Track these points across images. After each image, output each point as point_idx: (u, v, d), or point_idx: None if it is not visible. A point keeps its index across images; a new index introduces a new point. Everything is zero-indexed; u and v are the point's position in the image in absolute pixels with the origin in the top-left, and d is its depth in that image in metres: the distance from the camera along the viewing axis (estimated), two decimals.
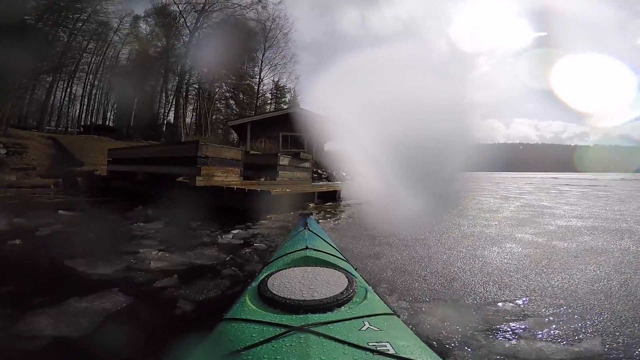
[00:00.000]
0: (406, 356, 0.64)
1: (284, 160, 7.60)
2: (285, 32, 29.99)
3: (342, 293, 0.90)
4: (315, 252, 1.30)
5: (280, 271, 1.09)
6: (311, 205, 5.67)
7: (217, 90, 30.94)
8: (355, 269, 1.26)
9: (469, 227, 3.92)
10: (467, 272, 2.23)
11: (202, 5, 26.09)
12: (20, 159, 11.69)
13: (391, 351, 0.65)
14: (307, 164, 8.79)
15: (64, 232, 3.31)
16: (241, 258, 2.50)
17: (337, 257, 1.33)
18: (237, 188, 4.89)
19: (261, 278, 1.04)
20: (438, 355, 0.71)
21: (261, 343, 0.67)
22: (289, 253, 1.31)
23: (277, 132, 19.48)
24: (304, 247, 1.34)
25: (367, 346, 0.66)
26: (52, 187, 9.19)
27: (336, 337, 0.68)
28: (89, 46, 26.44)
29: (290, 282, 0.98)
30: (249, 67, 31.45)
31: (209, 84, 29.40)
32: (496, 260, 2.53)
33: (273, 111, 23.79)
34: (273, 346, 0.66)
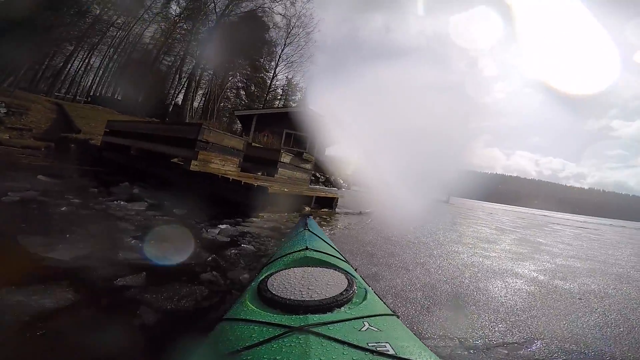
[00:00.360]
0: (406, 356, 0.64)
1: (286, 158, 7.28)
2: (308, 31, 29.76)
3: (341, 294, 0.89)
4: (315, 252, 1.29)
5: (280, 271, 1.08)
6: (307, 208, 5.36)
7: (230, 79, 30.58)
8: (355, 270, 1.25)
9: (469, 257, 3.67)
10: (472, 305, 2.10)
11: None
12: (19, 119, 11.37)
13: (391, 351, 0.64)
14: (308, 166, 8.47)
15: (35, 200, 2.96)
16: (225, 260, 2.19)
17: (337, 257, 1.31)
18: (232, 179, 4.57)
19: (261, 278, 1.03)
20: (437, 356, 0.71)
21: (261, 343, 0.67)
22: (289, 253, 1.30)
23: (282, 128, 19.20)
24: (304, 247, 1.33)
25: (367, 346, 0.65)
26: (43, 149, 8.81)
27: (336, 337, 0.67)
28: (118, 20, 26.05)
29: (290, 283, 0.97)
30: (266, 60, 31.20)
31: (224, 71, 29.01)
32: (501, 296, 2.37)
33: (281, 107, 23.52)
34: (273, 346, 0.66)
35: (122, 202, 3.43)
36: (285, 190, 4.83)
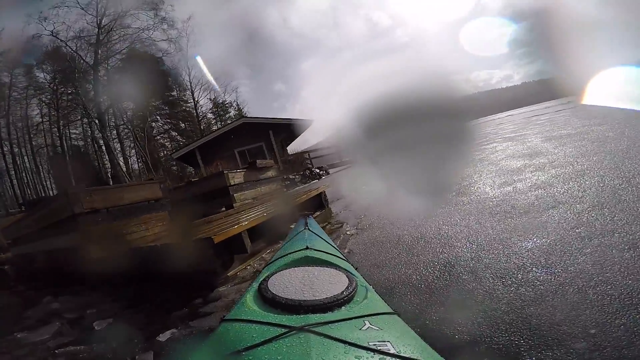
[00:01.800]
0: (407, 355, 0.63)
1: (237, 178, 5.30)
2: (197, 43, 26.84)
3: (342, 293, 0.87)
4: (315, 252, 1.27)
5: (281, 271, 1.07)
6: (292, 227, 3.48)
7: (152, 125, 27.54)
8: (356, 269, 1.24)
9: None
10: None
11: (95, 36, 22.21)
12: None
13: (392, 351, 0.63)
14: (271, 172, 6.51)
15: None
16: None
17: (338, 257, 1.30)
18: (147, 246, 2.67)
19: (262, 278, 1.02)
20: (440, 354, 0.70)
21: (262, 343, 0.66)
22: (290, 253, 1.29)
23: (231, 150, 16.94)
24: (305, 247, 1.31)
25: (368, 346, 0.64)
26: None
27: (337, 337, 0.66)
28: None
29: (291, 282, 0.96)
30: (179, 92, 28.21)
31: (141, 120, 25.83)
32: None
33: (218, 129, 21.12)
34: (274, 346, 0.65)
35: (25, 333, 2.56)
36: (243, 225, 2.87)
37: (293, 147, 19.63)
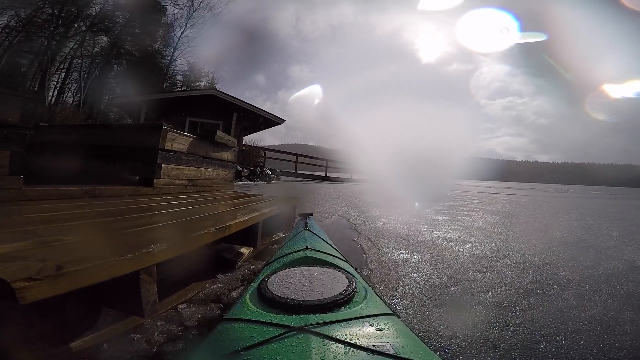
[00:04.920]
0: (406, 356, 0.62)
1: (177, 142, 3.40)
2: (215, 13, 23.97)
3: (342, 293, 0.86)
4: (315, 252, 1.25)
5: (281, 271, 1.05)
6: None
7: (114, 66, 23.39)
8: (355, 270, 1.22)
9: None
10: None
11: None
12: None
13: (391, 351, 0.63)
14: (228, 155, 4.65)
15: None
16: None
17: (337, 257, 1.28)
18: None
19: (261, 278, 1.00)
20: (438, 355, 0.71)
21: (261, 343, 0.64)
22: (289, 253, 1.27)
23: (183, 117, 14.37)
24: (304, 247, 1.29)
25: (367, 346, 0.63)
26: None
27: (336, 337, 0.65)
28: None
29: (291, 282, 0.94)
30: (162, 45, 24.43)
31: (102, 58, 21.73)
32: None
33: (178, 91, 18.18)
34: (273, 346, 0.63)
35: None
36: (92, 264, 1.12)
37: (248, 140, 17.65)
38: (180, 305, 1.58)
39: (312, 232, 1.58)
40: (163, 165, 3.19)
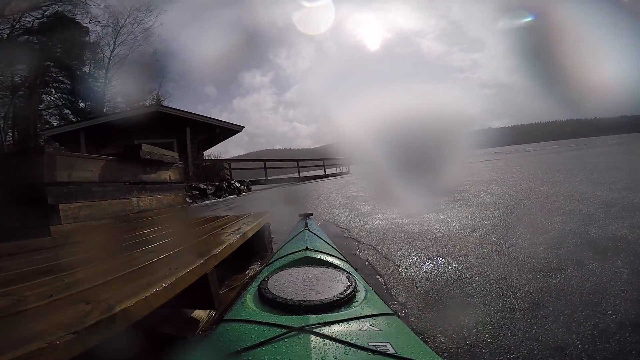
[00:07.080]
0: (406, 356, 0.60)
1: (81, 168, 2.30)
2: (145, 27, 21.84)
3: (342, 293, 0.84)
4: (315, 252, 1.22)
5: (281, 272, 1.03)
6: None
7: (42, 97, 20.83)
8: (355, 270, 1.19)
9: None
10: None
11: None
12: None
13: (391, 351, 0.61)
14: (169, 174, 3.54)
15: None
16: None
17: (337, 257, 1.25)
18: None
19: (261, 278, 0.98)
20: (438, 355, 0.68)
21: (261, 344, 0.63)
22: (289, 253, 1.24)
23: (130, 139, 12.65)
24: (304, 247, 1.26)
25: (367, 346, 0.62)
26: None
27: (336, 337, 0.64)
28: None
29: (291, 283, 0.92)
30: (94, 68, 22.05)
31: (31, 89, 19.21)
32: None
33: (118, 112, 16.30)
34: (273, 347, 0.62)
35: None
36: None
37: (210, 153, 16.27)
38: None
39: (312, 233, 1.57)
40: (61, 205, 2.11)
